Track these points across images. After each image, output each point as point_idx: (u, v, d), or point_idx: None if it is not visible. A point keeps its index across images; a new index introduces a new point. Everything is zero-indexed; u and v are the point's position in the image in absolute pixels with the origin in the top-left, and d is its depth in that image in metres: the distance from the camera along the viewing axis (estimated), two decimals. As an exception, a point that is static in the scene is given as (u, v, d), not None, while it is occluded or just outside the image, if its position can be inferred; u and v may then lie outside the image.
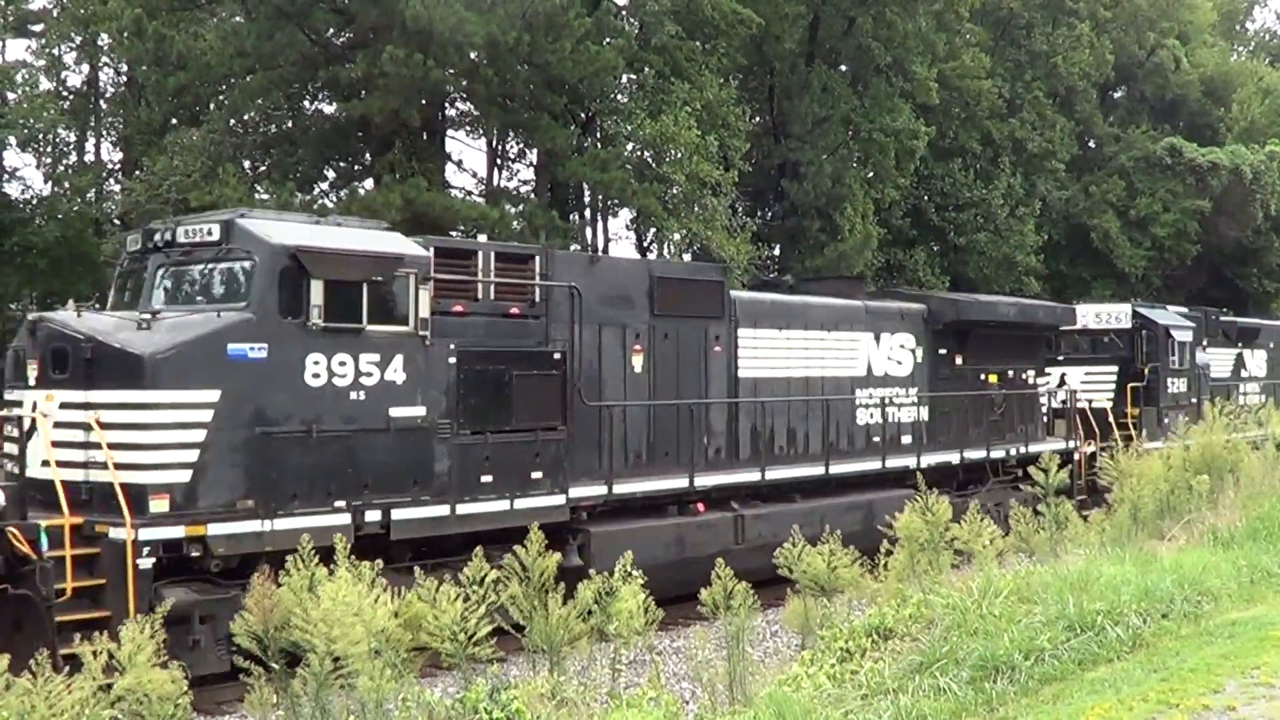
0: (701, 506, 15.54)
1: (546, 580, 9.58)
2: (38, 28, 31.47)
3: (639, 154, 26.96)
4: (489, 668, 9.66)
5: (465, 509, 12.68)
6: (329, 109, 26.30)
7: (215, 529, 10.85)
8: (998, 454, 20.38)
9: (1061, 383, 23.85)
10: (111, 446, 10.64)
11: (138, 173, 27.44)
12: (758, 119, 33.69)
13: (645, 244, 31.90)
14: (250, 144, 25.80)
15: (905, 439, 18.89)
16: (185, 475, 10.79)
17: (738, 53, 30.76)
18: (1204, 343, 27.36)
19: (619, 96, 28.30)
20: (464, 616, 9.01)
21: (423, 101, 23.87)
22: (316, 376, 11.54)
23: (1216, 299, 40.42)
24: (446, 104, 27.06)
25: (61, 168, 31.82)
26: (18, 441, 10.98)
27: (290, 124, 26.45)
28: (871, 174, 34.34)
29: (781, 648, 13.44)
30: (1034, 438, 21.40)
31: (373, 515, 11.88)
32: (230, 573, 11.11)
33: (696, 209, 26.77)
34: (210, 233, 11.68)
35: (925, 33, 33.75)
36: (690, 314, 15.86)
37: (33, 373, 11.38)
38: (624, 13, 29.24)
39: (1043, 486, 14.75)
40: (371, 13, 22.28)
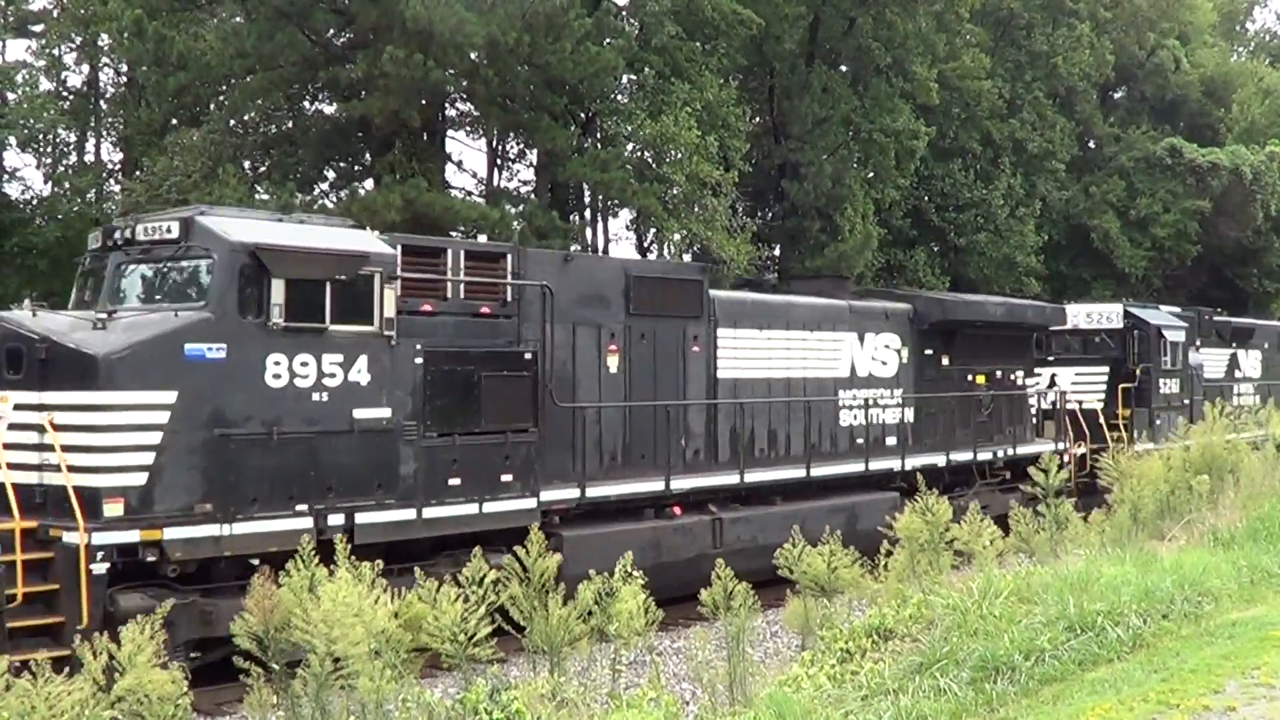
0: (678, 510, 15.28)
1: (547, 581, 9.58)
2: (38, 28, 31.44)
3: (639, 154, 26.93)
4: (489, 668, 9.65)
5: (432, 512, 12.45)
6: (329, 109, 26.29)
7: (172, 533, 10.62)
8: (985, 456, 20.17)
9: (1051, 383, 23.66)
10: (65, 449, 10.41)
11: (138, 173, 27.42)
12: (758, 119, 33.67)
13: (645, 244, 31.91)
14: (250, 144, 25.77)
15: (890, 441, 18.64)
16: (141, 478, 10.55)
17: (738, 53, 30.73)
18: (1197, 343, 27.16)
19: (619, 97, 28.27)
20: (464, 617, 9.00)
21: (423, 102, 23.84)
22: (278, 377, 11.34)
23: (1217, 299, 40.48)
24: (447, 104, 27.04)
25: (61, 168, 31.76)
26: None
27: (290, 124, 26.40)
28: (871, 174, 34.32)
29: (781, 648, 13.45)
30: (1022, 439, 21.19)
31: (336, 519, 11.59)
32: (188, 578, 10.95)
33: (697, 209, 26.73)
34: (169, 230, 11.47)
35: (925, 33, 33.72)
36: (668, 313, 15.60)
37: None
38: (624, 13, 29.22)
39: (1042, 487, 14.74)
40: (371, 13, 22.27)
